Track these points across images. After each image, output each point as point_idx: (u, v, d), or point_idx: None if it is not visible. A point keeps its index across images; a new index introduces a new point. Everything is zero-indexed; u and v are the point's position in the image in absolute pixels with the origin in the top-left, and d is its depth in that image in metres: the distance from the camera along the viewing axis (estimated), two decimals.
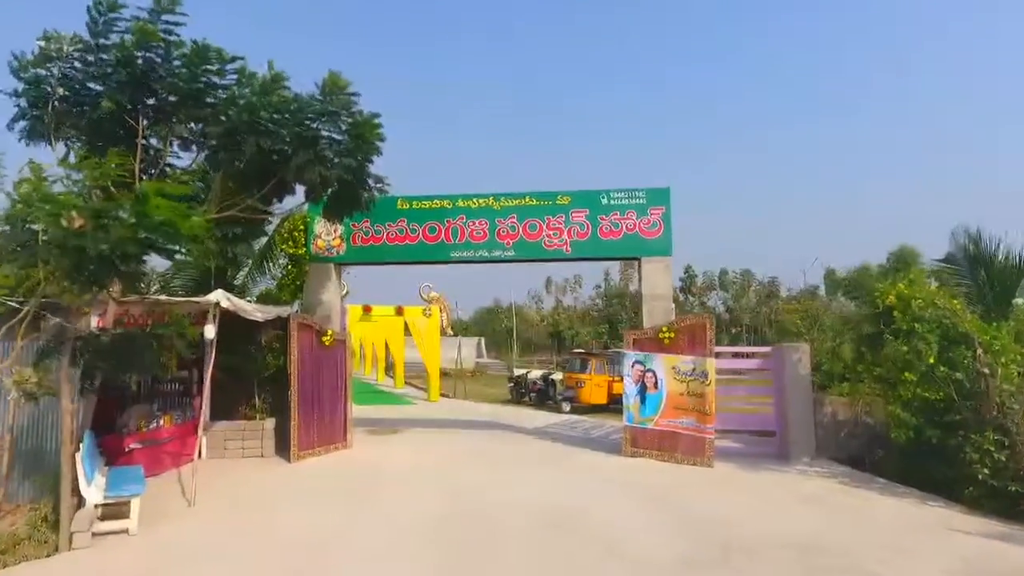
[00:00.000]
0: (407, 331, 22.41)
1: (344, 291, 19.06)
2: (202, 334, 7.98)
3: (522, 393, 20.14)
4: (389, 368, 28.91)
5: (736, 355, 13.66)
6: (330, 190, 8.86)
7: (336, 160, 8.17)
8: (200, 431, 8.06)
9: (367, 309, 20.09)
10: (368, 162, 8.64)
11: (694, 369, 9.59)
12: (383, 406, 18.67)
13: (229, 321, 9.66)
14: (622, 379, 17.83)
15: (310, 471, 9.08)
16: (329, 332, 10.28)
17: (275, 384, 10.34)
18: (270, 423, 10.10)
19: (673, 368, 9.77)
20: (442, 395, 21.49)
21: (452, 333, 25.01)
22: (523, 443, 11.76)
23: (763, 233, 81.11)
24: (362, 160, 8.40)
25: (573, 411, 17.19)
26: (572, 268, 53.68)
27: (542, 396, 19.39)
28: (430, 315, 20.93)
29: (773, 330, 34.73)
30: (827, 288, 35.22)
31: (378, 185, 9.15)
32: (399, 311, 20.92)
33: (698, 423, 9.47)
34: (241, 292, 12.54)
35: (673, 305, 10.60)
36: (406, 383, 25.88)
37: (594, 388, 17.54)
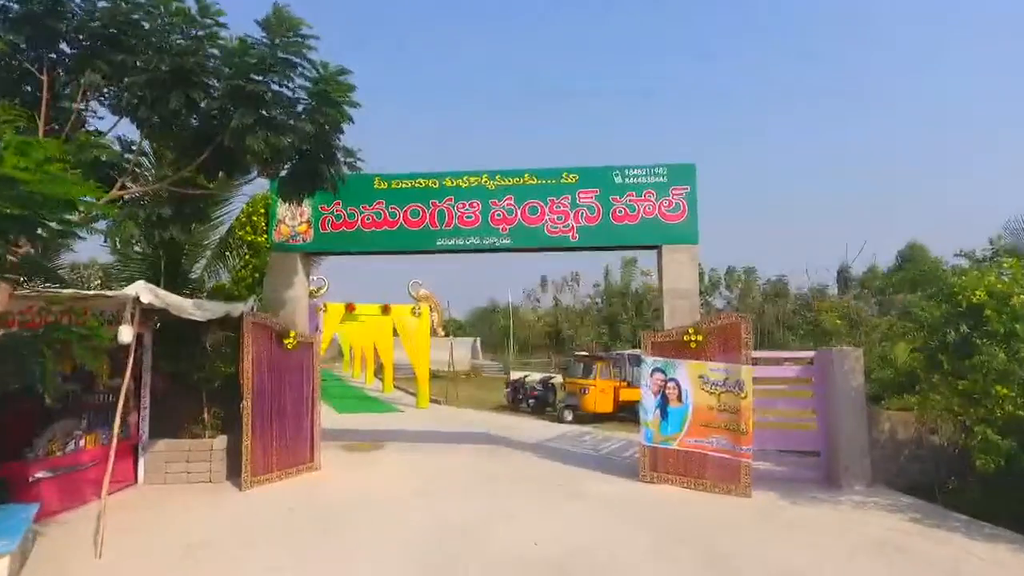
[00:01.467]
0: (396, 332, 20.87)
1: (324, 286, 17.51)
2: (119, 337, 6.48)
3: (519, 399, 18.54)
4: (379, 370, 27.31)
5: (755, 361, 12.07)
6: (288, 164, 7.35)
7: (292, 124, 6.61)
8: (111, 453, 6.45)
9: (350, 307, 18.54)
10: (336, 131, 7.10)
11: (726, 379, 8.02)
12: (368, 414, 17.10)
13: (173, 322, 8.18)
14: (630, 384, 16.44)
15: (264, 503, 7.48)
16: (292, 333, 8.68)
17: (228, 395, 8.76)
18: (220, 441, 8.50)
19: (700, 377, 8.20)
20: (433, 400, 19.91)
21: (444, 334, 23.39)
22: (522, 463, 10.18)
23: (762, 231, 79.50)
24: (323, 125, 6.82)
25: (576, 420, 15.62)
26: (570, 265, 51.59)
27: (540, 403, 17.83)
28: (419, 314, 19.36)
29: (781, 330, 33.15)
30: (839, 287, 33.76)
31: (348, 159, 7.59)
32: (385, 310, 19.36)
33: (731, 443, 7.91)
34: (199, 287, 10.99)
35: (699, 302, 8.99)
36: (395, 387, 24.34)
37: (599, 395, 15.94)
